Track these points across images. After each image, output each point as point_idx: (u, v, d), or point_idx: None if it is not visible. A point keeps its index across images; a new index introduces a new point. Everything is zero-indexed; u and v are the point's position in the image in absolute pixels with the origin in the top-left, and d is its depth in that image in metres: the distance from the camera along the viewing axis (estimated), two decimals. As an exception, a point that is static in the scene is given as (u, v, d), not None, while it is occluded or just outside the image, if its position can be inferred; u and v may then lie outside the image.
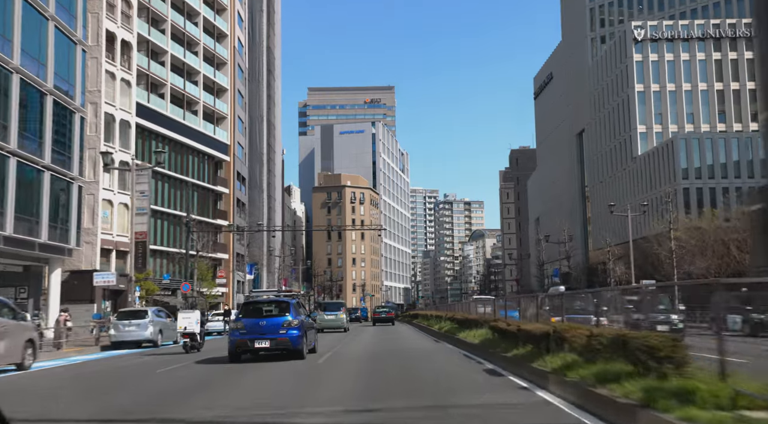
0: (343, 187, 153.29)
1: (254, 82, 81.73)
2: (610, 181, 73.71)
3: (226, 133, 67.67)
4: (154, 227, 55.16)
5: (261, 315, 16.99)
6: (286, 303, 17.39)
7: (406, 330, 37.44)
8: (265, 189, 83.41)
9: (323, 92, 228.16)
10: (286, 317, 16.62)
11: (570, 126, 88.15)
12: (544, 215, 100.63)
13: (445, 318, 28.36)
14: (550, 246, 70.09)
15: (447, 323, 25.33)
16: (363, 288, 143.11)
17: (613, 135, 72.77)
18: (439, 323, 27.29)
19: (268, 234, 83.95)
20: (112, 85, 45.91)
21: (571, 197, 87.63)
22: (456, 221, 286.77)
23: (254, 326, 16.50)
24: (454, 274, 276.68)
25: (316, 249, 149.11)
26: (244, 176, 74.58)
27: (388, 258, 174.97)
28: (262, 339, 16.32)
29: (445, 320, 26.28)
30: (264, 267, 79.17)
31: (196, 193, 62.31)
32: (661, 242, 47.52)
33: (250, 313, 17.18)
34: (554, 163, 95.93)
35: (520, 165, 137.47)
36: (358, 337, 29.86)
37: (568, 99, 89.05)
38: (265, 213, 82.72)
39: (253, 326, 16.52)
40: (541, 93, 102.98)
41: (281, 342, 16.40)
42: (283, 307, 17.16)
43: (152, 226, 54.30)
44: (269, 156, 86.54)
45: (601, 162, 76.79)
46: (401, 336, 29.68)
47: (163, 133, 55.78)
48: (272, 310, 17.23)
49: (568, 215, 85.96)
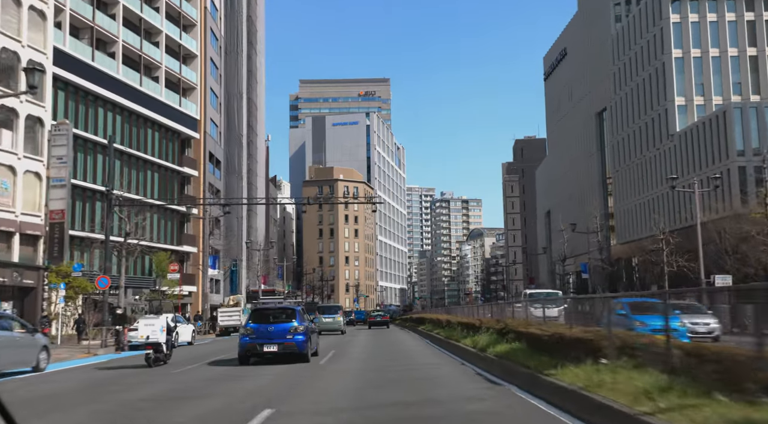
0: (336, 181, 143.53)
1: (232, 54, 71.96)
2: (638, 164, 64.19)
3: (196, 107, 57.88)
4: (94, 210, 45.39)
5: (269, 321, 17.80)
6: (293, 310, 18.39)
7: (410, 342, 27.78)
8: (244, 175, 73.59)
9: (315, 85, 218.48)
10: (292, 323, 17.62)
11: (588, 106, 78.66)
12: (556, 207, 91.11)
13: (472, 326, 18.75)
14: (564, 239, 60.56)
15: (485, 336, 15.69)
16: (357, 289, 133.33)
17: (643, 111, 63.26)
18: (473, 335, 17.55)
19: (248, 226, 74.18)
20: (17, 13, 35.56)
21: (589, 186, 78.11)
22: (453, 220, 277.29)
23: (263, 331, 17.42)
24: (451, 275, 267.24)
25: (307, 247, 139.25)
26: (219, 159, 64.81)
27: (384, 257, 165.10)
28: (270, 344, 17.21)
29: (483, 332, 16.56)
30: (243, 262, 69.38)
31: (157, 174, 52.53)
32: (723, 228, 38.11)
33: (259, 319, 18.02)
34: (568, 150, 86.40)
35: (526, 156, 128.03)
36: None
37: (585, 76, 79.59)
38: (244, 201, 72.87)
39: (262, 331, 17.44)
40: (552, 73, 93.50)
41: (288, 347, 17.27)
42: (290, 313, 18.09)
43: (95, 210, 44.45)
44: (250, 139, 76.73)
45: (626, 144, 67.27)
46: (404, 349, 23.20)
47: (112, 99, 45.97)
48: (280, 316, 18.05)
49: (585, 205, 76.43)
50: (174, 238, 54.44)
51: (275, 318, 17.94)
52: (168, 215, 53.61)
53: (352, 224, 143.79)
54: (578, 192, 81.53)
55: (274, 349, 17.19)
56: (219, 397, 11.09)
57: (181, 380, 14.22)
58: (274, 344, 17.20)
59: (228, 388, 12.32)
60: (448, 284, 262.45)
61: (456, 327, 20.68)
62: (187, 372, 16.00)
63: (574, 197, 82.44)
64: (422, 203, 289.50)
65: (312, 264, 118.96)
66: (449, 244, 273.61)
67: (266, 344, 17.19)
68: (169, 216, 53.63)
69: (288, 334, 17.39)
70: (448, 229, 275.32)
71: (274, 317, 18.02)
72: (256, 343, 17.27)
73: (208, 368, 17.00)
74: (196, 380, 14.17)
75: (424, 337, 27.62)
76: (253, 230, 76.46)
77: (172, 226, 54.38)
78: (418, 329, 32.35)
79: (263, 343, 17.22)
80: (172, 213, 53.99)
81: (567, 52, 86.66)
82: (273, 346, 17.17)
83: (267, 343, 17.21)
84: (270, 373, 15.02)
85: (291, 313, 18.10)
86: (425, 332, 27.94)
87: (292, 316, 17.93)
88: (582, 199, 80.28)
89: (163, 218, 53.23)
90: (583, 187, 79.66)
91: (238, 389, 11.99)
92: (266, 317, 18.01)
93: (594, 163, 77.01)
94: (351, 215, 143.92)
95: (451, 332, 19.54)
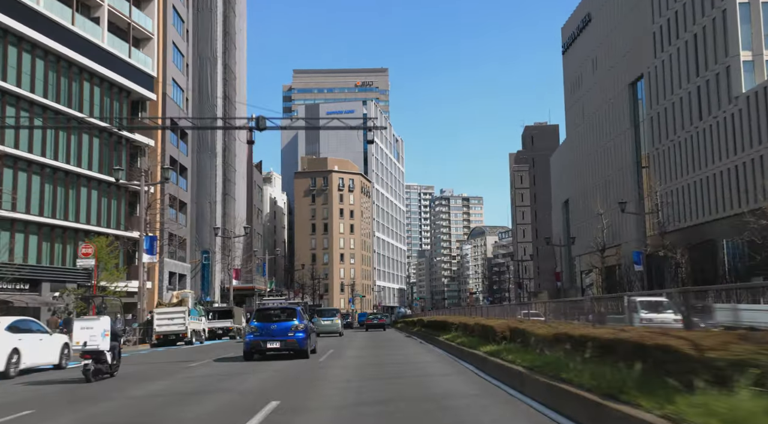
0: (330, 173, 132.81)
1: (204, 11, 61.25)
2: (687, 138, 53.55)
3: (152, 62, 47.12)
4: (13, 181, 34.78)
5: (271, 320, 19.11)
6: (293, 309, 19.68)
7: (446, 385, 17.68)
8: (219, 153, 62.76)
9: (310, 75, 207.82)
10: (293, 322, 18.94)
11: (617, 76, 68.00)
12: (577, 195, 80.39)
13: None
14: (604, 225, 49.91)
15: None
16: (352, 288, 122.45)
17: (694, 73, 52.63)
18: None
19: (223, 214, 63.33)
20: None
21: (618, 169, 67.46)
22: (453, 218, 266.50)
23: (266, 330, 18.75)
24: (451, 275, 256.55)
25: (299, 243, 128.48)
26: (186, 131, 54.09)
27: (382, 255, 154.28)
28: (273, 341, 18.54)
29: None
30: (215, 254, 58.56)
31: (97, 139, 41.75)
32: None
33: (262, 318, 19.28)
34: (591, 130, 75.70)
35: (536, 144, 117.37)
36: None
37: (614, 42, 68.93)
38: (219, 184, 62.02)
39: (265, 329, 18.78)
40: (571, 45, 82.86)
41: (289, 344, 18.64)
42: (291, 313, 19.37)
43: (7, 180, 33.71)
44: (228, 112, 65.97)
45: (670, 115, 56.64)
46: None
47: (31, 37, 35.24)
48: (281, 315, 19.30)
49: (614, 190, 65.96)
50: (120, 221, 43.60)
51: (277, 317, 19.13)
52: (112, 193, 42.79)
53: (347, 218, 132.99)
54: (605, 176, 70.85)
55: (277, 345, 18.47)
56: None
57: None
58: (277, 341, 18.44)
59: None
60: (448, 284, 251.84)
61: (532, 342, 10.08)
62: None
63: (599, 183, 71.76)
64: (421, 202, 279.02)
65: (304, 262, 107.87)
66: (449, 243, 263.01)
67: (269, 341, 18.44)
68: (113, 193, 42.80)
69: (289, 332, 18.55)
70: (448, 227, 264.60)
71: (276, 316, 19.23)
72: (260, 340, 18.49)
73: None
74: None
75: (463, 359, 16.28)
76: (230, 219, 65.71)
77: (118, 206, 43.53)
78: (439, 340, 21.37)
79: (266, 340, 18.45)
80: (118, 190, 43.18)
81: (591, 17, 75.92)
82: (275, 343, 18.43)
83: (270, 340, 18.44)
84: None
85: (292, 312, 19.32)
86: (458, 346, 16.77)
87: (292, 315, 19.09)
88: (608, 185, 69.66)
89: (105, 195, 42.43)
90: (613, 170, 68.96)
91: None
92: (269, 317, 19.22)
93: (626, 141, 66.28)
94: (346, 209, 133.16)
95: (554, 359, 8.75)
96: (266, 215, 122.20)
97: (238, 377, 13.81)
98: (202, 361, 19.45)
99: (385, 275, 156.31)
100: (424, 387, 10.96)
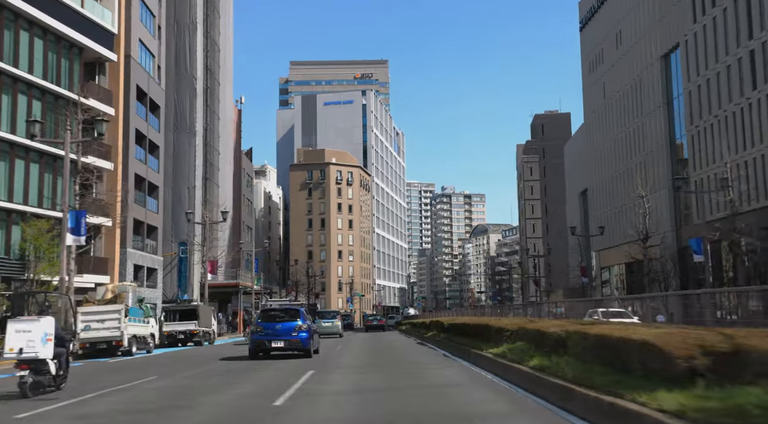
0: (327, 165, 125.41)
1: (182, -30, 53.90)
2: (739, 109, 46.19)
3: (112, 16, 39.74)
4: None
5: (276, 320, 19.59)
6: (297, 310, 20.23)
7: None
8: (200, 132, 55.34)
9: (307, 66, 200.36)
10: (297, 322, 19.36)
11: (648, 48, 60.65)
12: (597, 185, 72.99)
13: None
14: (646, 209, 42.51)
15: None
16: (351, 287, 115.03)
17: (745, 35, 45.28)
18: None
19: (204, 201, 56.02)
20: None
21: (648, 152, 60.15)
22: (455, 216, 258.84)
23: (271, 329, 19.23)
24: (453, 274, 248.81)
25: (294, 239, 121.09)
26: (158, 104, 46.72)
27: (382, 252, 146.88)
28: (278, 340, 19.06)
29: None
30: (195, 246, 51.14)
31: (39, 102, 34.38)
32: None
33: (267, 318, 19.84)
34: (615, 111, 68.28)
35: (547, 134, 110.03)
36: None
37: (643, 10, 61.59)
38: (199, 167, 54.61)
39: (270, 329, 19.26)
40: (591, 18, 75.42)
41: (293, 343, 19.12)
42: (294, 313, 19.83)
43: None
44: (209, 87, 58.59)
45: (713, 86, 49.31)
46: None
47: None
48: (285, 316, 19.74)
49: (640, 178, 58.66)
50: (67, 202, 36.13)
51: (282, 318, 19.66)
52: (58, 168, 35.39)
53: (345, 213, 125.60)
54: (632, 161, 63.52)
55: (281, 344, 19.00)
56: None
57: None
58: (281, 340, 18.98)
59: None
60: (450, 284, 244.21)
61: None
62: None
63: (625, 168, 64.44)
64: (421, 200, 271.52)
65: (300, 259, 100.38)
66: (450, 241, 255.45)
67: (274, 341, 18.96)
68: (58, 168, 35.39)
69: (293, 331, 19.06)
70: (450, 225, 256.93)
71: (280, 316, 19.70)
72: (265, 339, 19.04)
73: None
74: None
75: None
76: (213, 207, 58.37)
77: (65, 185, 36.08)
78: (488, 358, 12.96)
79: (271, 339, 18.98)
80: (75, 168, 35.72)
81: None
82: (280, 342, 18.97)
83: (275, 339, 18.97)
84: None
85: (295, 313, 19.79)
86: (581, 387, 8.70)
87: (296, 315, 19.64)
88: (635, 170, 62.42)
89: (50, 170, 35.09)
90: (641, 153, 61.65)
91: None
92: (273, 317, 19.75)
93: (657, 120, 58.91)
94: (345, 203, 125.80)
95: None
96: (260, 210, 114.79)
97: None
98: (102, 390, 12.54)
99: (385, 274, 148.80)
100: None
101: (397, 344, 27.16)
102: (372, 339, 34.37)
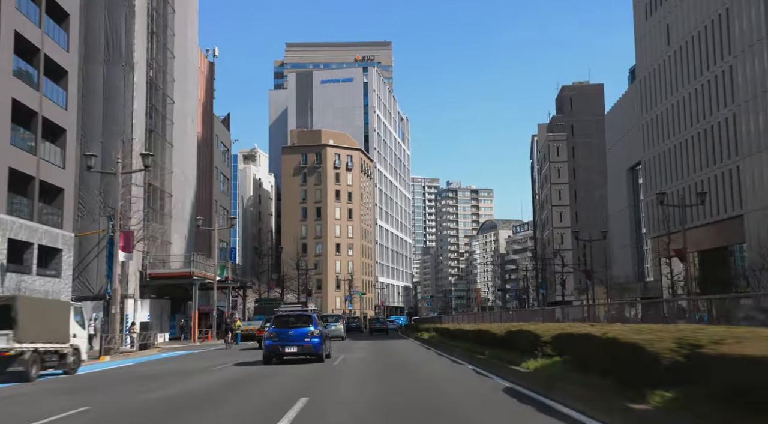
0: (324, 147, 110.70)
1: None
2: None
3: None
4: None
5: (289, 326, 19.68)
6: (309, 316, 20.27)
7: None
8: (141, 68, 40.28)
9: (304, 48, 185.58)
10: (309, 328, 19.51)
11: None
12: (656, 156, 58.04)
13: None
14: None
15: None
16: (350, 284, 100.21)
17: None
18: None
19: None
20: None
21: (740, 105, 45.28)
22: (461, 212, 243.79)
23: (284, 335, 19.36)
24: (458, 273, 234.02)
25: (286, 230, 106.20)
26: (67, 11, 31.91)
27: (385, 247, 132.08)
28: (291, 345, 19.12)
29: None
30: (125, 224, 36.18)
31: None
32: None
33: (280, 324, 19.86)
34: (684, 60, 53.49)
35: (576, 108, 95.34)
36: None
37: None
38: (139, 113, 39.48)
39: (283, 334, 19.39)
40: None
41: (306, 348, 19.19)
42: (306, 319, 19.97)
43: None
44: (158, 11, 43.70)
45: None
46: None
47: None
48: (298, 322, 19.84)
49: (721, 141, 44.05)
50: None
51: (294, 323, 19.76)
52: None
53: (344, 202, 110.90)
54: (712, 118, 48.70)
55: (294, 350, 19.10)
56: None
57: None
58: (294, 345, 19.08)
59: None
60: (456, 283, 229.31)
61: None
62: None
63: (701, 129, 49.65)
64: (425, 195, 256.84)
65: (292, 252, 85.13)
66: (456, 239, 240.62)
67: (287, 346, 19.09)
68: None
69: (306, 337, 19.25)
70: (456, 222, 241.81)
71: (293, 322, 19.84)
72: (278, 344, 19.16)
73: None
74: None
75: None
76: (163, 172, 43.46)
77: None
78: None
79: (285, 345, 19.11)
80: None
81: None
82: (293, 347, 19.06)
83: (288, 344, 19.10)
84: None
85: (308, 319, 19.98)
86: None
87: (308, 321, 19.78)
88: (709, 133, 47.68)
89: None
90: (727, 107, 46.78)
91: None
92: (286, 323, 19.84)
93: (757, 59, 44.06)
94: (343, 190, 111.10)
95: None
96: (248, 199, 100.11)
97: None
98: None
99: (388, 271, 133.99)
100: None
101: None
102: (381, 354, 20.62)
